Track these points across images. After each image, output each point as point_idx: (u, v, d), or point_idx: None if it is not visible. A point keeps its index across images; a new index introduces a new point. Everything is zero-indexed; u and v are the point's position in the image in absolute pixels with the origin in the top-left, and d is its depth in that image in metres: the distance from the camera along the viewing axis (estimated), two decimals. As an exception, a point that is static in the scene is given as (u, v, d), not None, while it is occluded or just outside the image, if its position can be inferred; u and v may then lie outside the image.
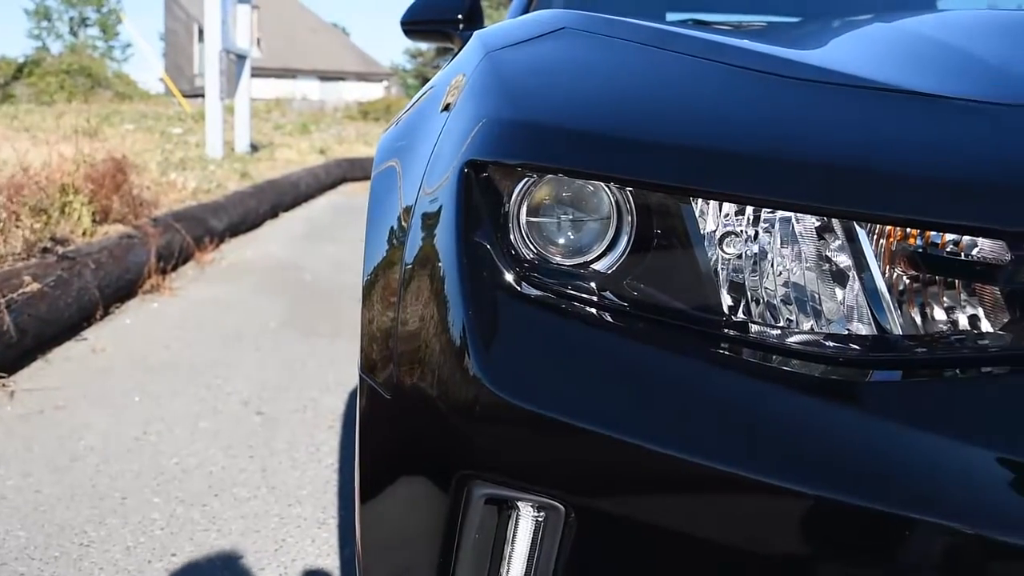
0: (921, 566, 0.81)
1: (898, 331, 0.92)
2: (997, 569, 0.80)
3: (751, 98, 1.04)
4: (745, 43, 1.25)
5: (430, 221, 1.09)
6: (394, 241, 1.19)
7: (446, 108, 1.26)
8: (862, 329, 0.94)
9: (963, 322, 0.93)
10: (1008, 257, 0.88)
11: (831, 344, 0.93)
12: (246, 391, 3.25)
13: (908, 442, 0.83)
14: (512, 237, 1.01)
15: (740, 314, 0.99)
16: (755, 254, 0.99)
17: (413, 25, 2.90)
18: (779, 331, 0.96)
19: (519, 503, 0.95)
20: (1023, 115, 0.95)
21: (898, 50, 1.23)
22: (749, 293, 0.99)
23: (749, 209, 0.99)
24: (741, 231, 0.99)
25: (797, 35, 1.62)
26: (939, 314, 0.94)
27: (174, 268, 5.33)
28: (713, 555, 0.88)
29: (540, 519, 0.95)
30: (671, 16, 2.64)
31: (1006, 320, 0.89)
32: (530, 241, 1.02)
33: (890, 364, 0.90)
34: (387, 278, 1.16)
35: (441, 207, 1.07)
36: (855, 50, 1.29)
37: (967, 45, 1.21)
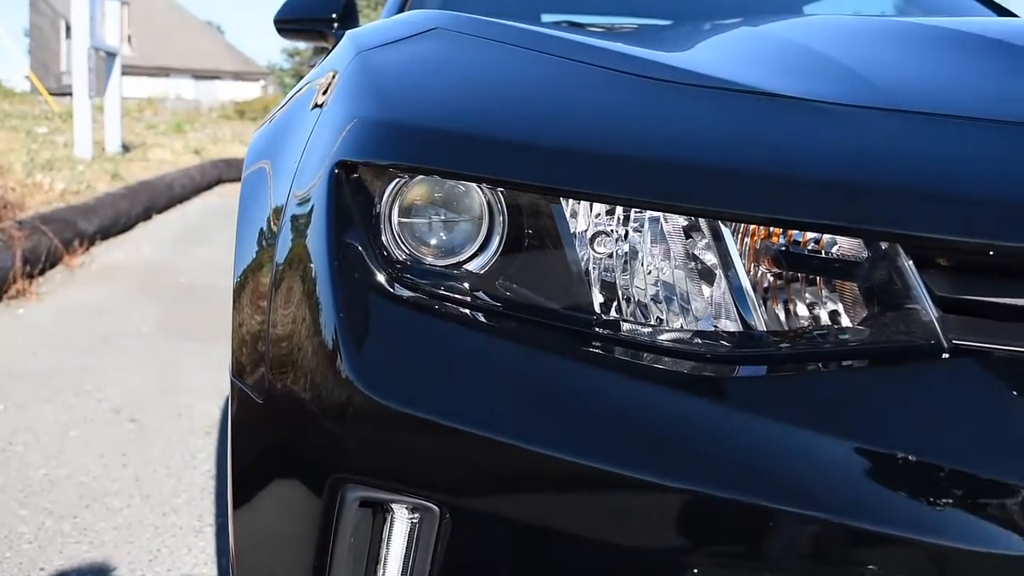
0: (788, 556, 0.84)
1: (763, 327, 0.94)
2: (860, 556, 0.83)
3: (619, 99, 1.05)
4: (614, 45, 1.27)
5: (301, 222, 1.08)
6: (264, 243, 1.17)
7: (317, 108, 1.25)
8: (729, 326, 0.96)
9: (824, 318, 0.96)
10: (865, 255, 0.91)
11: (700, 341, 0.95)
12: (118, 398, 3.16)
13: (773, 435, 0.85)
14: (384, 238, 1.01)
15: (612, 313, 1.00)
16: (626, 253, 1.00)
17: (287, 23, 2.85)
18: (650, 329, 0.97)
19: (393, 505, 0.94)
20: (880, 117, 0.99)
21: (763, 54, 1.27)
22: (620, 292, 1.00)
23: (619, 209, 1.00)
24: (612, 231, 1.00)
25: (666, 38, 1.65)
26: (802, 310, 0.96)
27: (41, 272, 5.14)
28: (587, 551, 0.89)
29: (415, 521, 0.94)
30: (546, 17, 2.65)
31: (864, 315, 0.92)
32: (402, 242, 1.01)
33: (756, 359, 0.92)
34: (257, 281, 1.14)
35: (312, 208, 1.06)
36: (721, 53, 1.32)
37: (829, 50, 1.25)
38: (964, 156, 0.92)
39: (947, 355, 0.86)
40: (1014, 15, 2.79)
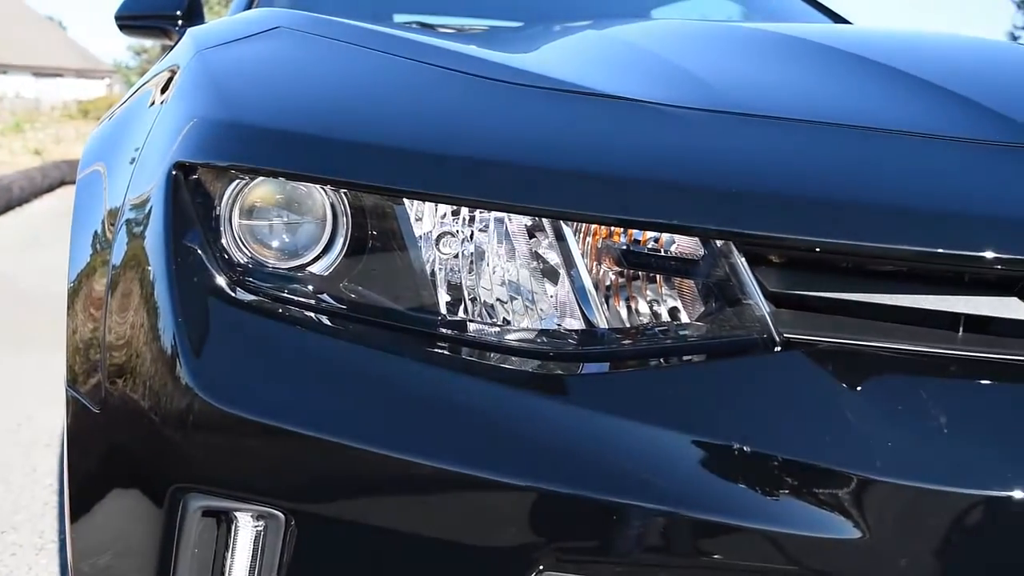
0: (633, 549, 0.85)
1: (605, 325, 0.96)
2: (703, 546, 0.85)
3: (462, 101, 1.06)
4: (461, 47, 1.27)
5: (138, 225, 1.04)
6: (99, 247, 1.13)
7: (156, 106, 1.21)
8: (573, 324, 0.97)
9: (665, 314, 0.98)
10: (702, 253, 0.94)
11: (544, 340, 0.96)
12: (-49, 411, 3.00)
13: (617, 430, 0.87)
14: (224, 241, 0.99)
15: (460, 313, 1.00)
16: (471, 254, 1.01)
17: (128, 20, 2.76)
18: (496, 329, 0.98)
19: (237, 514, 0.92)
20: (715, 119, 1.02)
21: (606, 57, 1.29)
22: (467, 292, 1.00)
23: (464, 210, 1.00)
24: (457, 231, 1.01)
25: (515, 40, 1.67)
26: (643, 307, 0.99)
27: None
28: (435, 552, 0.89)
29: (260, 528, 0.92)
30: (399, 18, 2.64)
31: (702, 311, 0.95)
32: (243, 244, 0.99)
33: (598, 357, 0.94)
34: (92, 286, 1.10)
35: (150, 210, 1.03)
36: (566, 56, 1.34)
37: (670, 54, 1.28)
38: (794, 157, 0.95)
39: (779, 348, 0.89)
40: (849, 23, 2.92)
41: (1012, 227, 0.88)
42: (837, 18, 2.97)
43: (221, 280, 0.96)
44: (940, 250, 0.86)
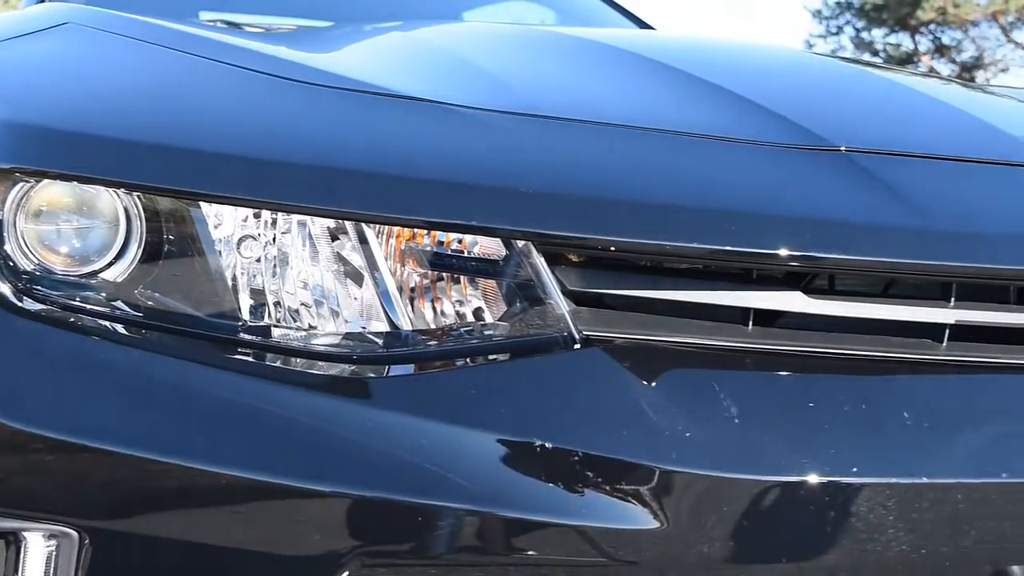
0: (445, 550, 0.86)
1: (409, 327, 0.96)
2: (514, 543, 0.86)
3: (261, 102, 1.04)
4: (262, 46, 1.25)
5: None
6: None
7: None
8: (378, 327, 0.97)
9: (469, 315, 0.99)
10: (504, 253, 0.95)
11: (350, 343, 0.95)
12: None
13: (425, 432, 0.87)
14: (7, 247, 0.94)
15: (263, 319, 0.98)
16: (275, 257, 0.99)
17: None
18: (302, 333, 0.97)
19: (26, 534, 0.88)
20: (516, 122, 1.03)
21: (412, 58, 1.29)
22: (270, 297, 0.99)
23: (266, 212, 0.99)
24: (259, 235, 0.99)
25: (322, 39, 1.65)
26: (448, 308, 0.99)
27: None
28: (241, 564, 0.87)
29: (52, 548, 0.88)
30: (205, 15, 2.57)
31: (505, 311, 0.96)
32: (29, 250, 0.94)
33: (404, 359, 0.94)
34: None
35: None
36: (371, 57, 1.34)
37: (475, 56, 1.29)
38: (592, 159, 0.98)
39: (578, 345, 0.91)
40: (652, 28, 3.01)
41: (797, 225, 0.92)
42: (641, 24, 3.06)
43: (5, 288, 0.92)
44: (730, 248, 0.90)
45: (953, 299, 0.96)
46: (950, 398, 0.95)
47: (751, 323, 0.95)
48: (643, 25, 3.05)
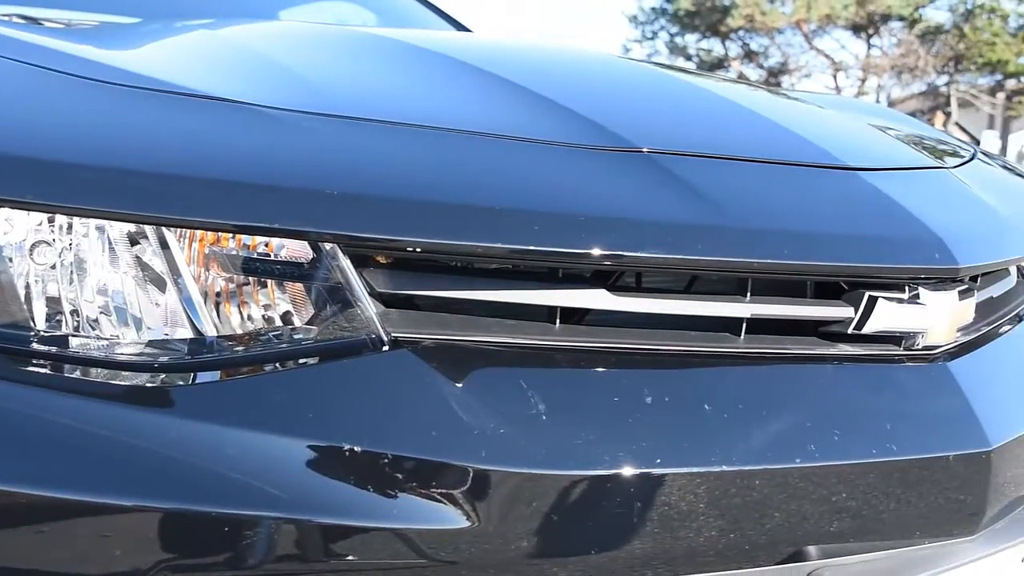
0: (258, 559, 0.84)
1: (215, 333, 0.94)
2: (331, 550, 0.85)
3: (55, 101, 1.00)
4: (61, 44, 1.20)
5: None
6: None
7: None
8: (182, 334, 0.94)
9: (278, 320, 0.97)
10: (311, 256, 0.94)
11: (153, 352, 0.92)
12: None
13: (232, 439, 0.85)
14: None
15: (62, 328, 0.94)
16: (71, 264, 0.95)
17: None
18: (102, 343, 0.93)
19: None
20: (323, 124, 1.02)
21: (216, 58, 1.26)
22: (67, 305, 0.94)
23: (61, 217, 0.94)
24: (54, 240, 0.94)
25: (125, 37, 1.60)
26: (256, 313, 0.97)
27: None
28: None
29: None
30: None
31: (314, 315, 0.95)
32: None
33: (210, 365, 0.91)
34: None
35: None
36: (176, 56, 1.30)
37: (282, 56, 1.27)
38: (397, 160, 0.98)
39: (386, 347, 0.91)
40: (469, 30, 3.03)
41: (601, 225, 0.94)
42: (459, 26, 3.08)
43: None
44: (535, 248, 0.91)
45: (749, 294, 1.00)
46: (749, 388, 0.99)
47: (558, 321, 0.97)
48: (460, 28, 3.07)
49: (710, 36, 40.04)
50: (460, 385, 0.89)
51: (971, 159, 1.50)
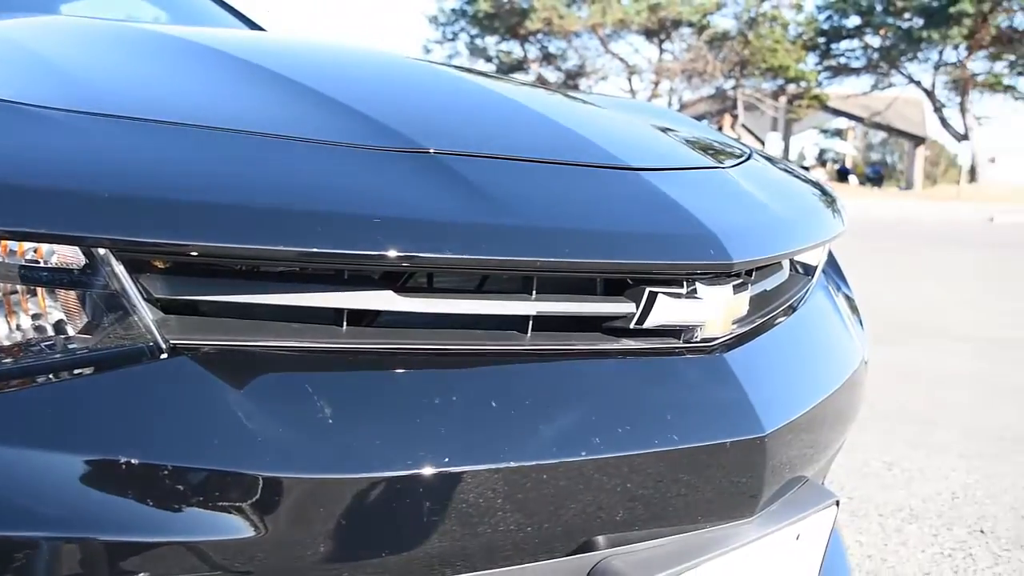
0: None
1: (-22, 343, 0.89)
2: (119, 568, 0.82)
3: None
4: None
5: None
6: None
7: None
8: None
9: (50, 329, 0.92)
10: (84, 262, 0.89)
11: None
12: None
13: (3, 457, 0.80)
14: None
15: None
16: None
17: None
18: None
19: None
20: (95, 123, 0.98)
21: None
22: None
23: None
24: None
25: None
26: (25, 322, 0.92)
27: None
28: None
29: None
30: None
31: (89, 323, 0.91)
32: None
33: None
34: None
35: None
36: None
37: (57, 53, 1.21)
38: (174, 162, 0.94)
39: (165, 355, 0.88)
40: (263, 29, 2.97)
41: (386, 226, 0.94)
42: (252, 25, 3.01)
43: None
44: (319, 250, 0.89)
45: (535, 292, 1.02)
46: (536, 385, 1.00)
47: (345, 324, 0.96)
48: (254, 26, 3.00)
49: (510, 38, 40.69)
50: (244, 392, 0.87)
51: (747, 159, 1.58)
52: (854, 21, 40.44)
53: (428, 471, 0.90)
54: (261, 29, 3.01)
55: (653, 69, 40.33)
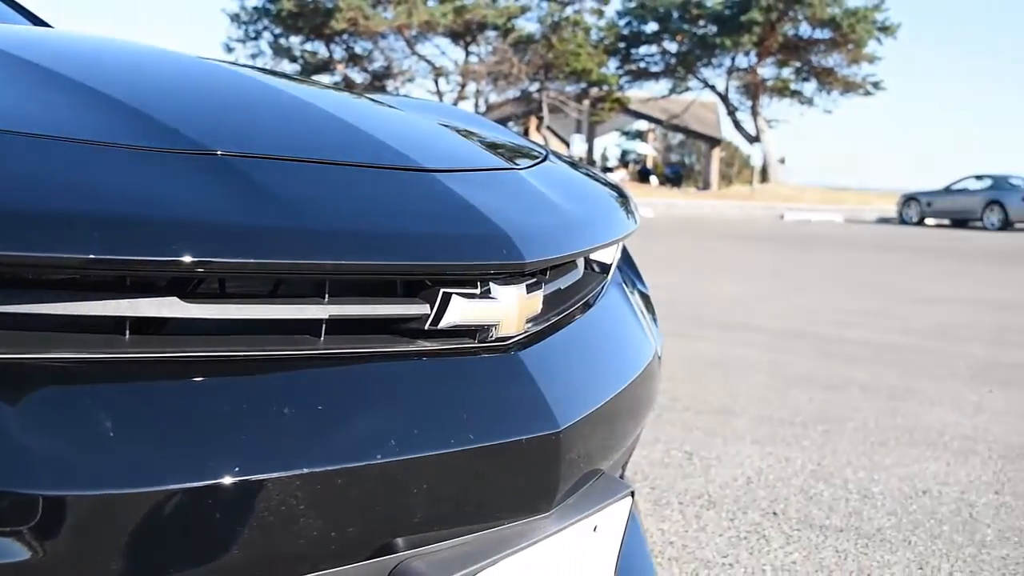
0: None
1: None
2: None
3: None
4: None
5: None
6: None
7: None
8: None
9: None
10: None
11: None
12: None
13: None
14: None
15: None
16: None
17: None
18: None
19: None
20: None
21: None
22: None
23: None
24: None
25: None
26: None
27: None
28: None
29: None
30: None
31: None
32: None
33: None
34: None
35: None
36: None
37: None
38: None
39: None
40: (50, 26, 2.83)
41: (171, 230, 0.90)
42: (37, 21, 2.86)
43: None
44: (99, 256, 0.85)
45: (328, 295, 1.01)
46: (332, 389, 0.99)
47: (128, 332, 0.92)
48: (39, 22, 2.85)
49: (315, 39, 40.15)
50: (18, 407, 0.83)
51: (542, 161, 1.61)
52: (652, 27, 41.86)
53: (220, 481, 0.87)
54: (48, 26, 2.86)
55: (459, 71, 40.62)
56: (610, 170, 42.58)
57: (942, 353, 5.83)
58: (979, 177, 26.96)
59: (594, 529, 1.23)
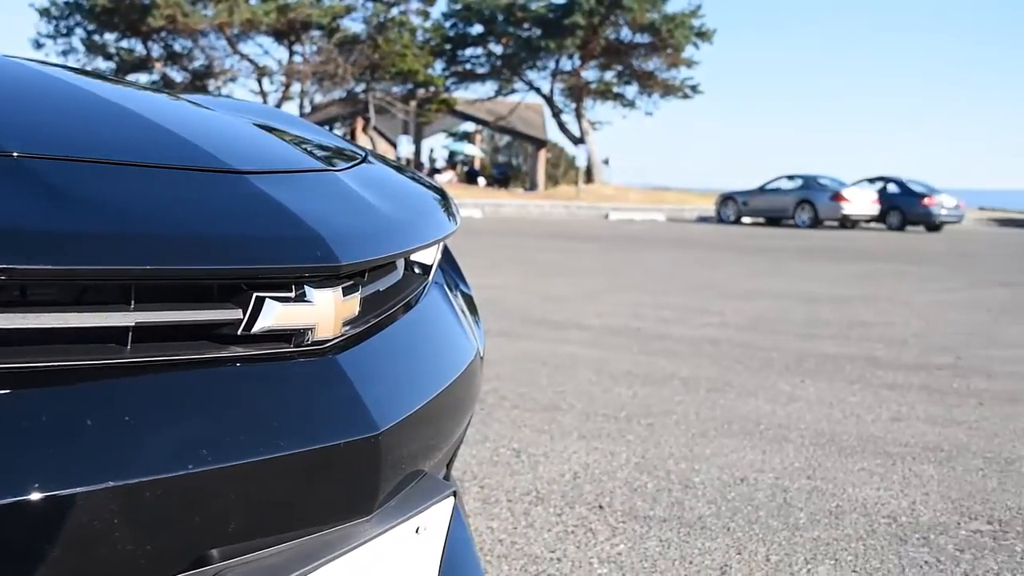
0: None
1: None
2: None
3: None
4: None
5: None
6: None
7: None
8: None
9: None
10: None
11: None
12: None
13: None
14: None
15: None
16: None
17: None
18: None
19: None
20: None
21: None
22: None
23: None
24: None
25: None
26: None
27: None
28: None
29: None
30: None
31: None
32: None
33: None
34: None
35: None
36: None
37: None
38: None
39: None
40: None
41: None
42: None
43: None
44: None
45: (134, 302, 0.98)
46: (140, 399, 0.96)
47: None
48: None
49: (131, 36, 38.75)
50: None
51: (360, 162, 1.59)
52: (478, 29, 42.16)
53: (21, 499, 0.83)
54: None
55: (283, 71, 39.96)
56: (439, 171, 42.69)
57: (758, 346, 6.09)
58: (791, 177, 28.31)
59: (416, 531, 1.23)
